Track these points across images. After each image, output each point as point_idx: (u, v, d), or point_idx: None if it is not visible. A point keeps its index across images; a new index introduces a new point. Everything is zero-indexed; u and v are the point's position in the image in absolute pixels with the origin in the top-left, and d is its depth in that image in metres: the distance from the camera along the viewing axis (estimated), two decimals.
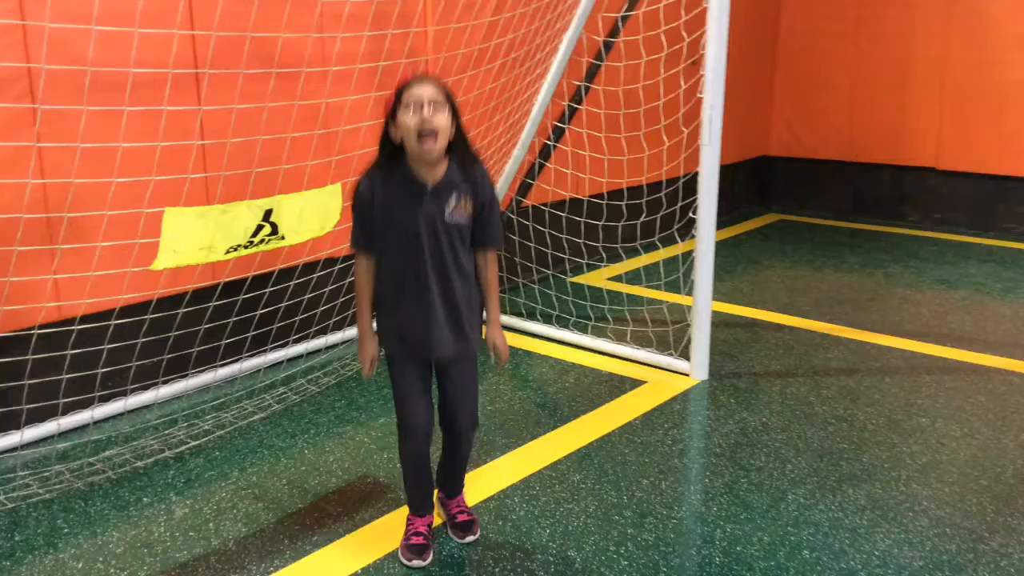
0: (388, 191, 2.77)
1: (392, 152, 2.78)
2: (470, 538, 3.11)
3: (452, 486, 3.19)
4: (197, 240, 3.35)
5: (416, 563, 2.98)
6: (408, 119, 2.67)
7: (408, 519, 3.11)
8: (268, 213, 3.52)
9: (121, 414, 4.11)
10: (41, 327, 3.72)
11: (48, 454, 3.76)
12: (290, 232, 3.65)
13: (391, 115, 2.74)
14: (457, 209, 2.78)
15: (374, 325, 2.97)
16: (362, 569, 2.96)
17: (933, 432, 3.95)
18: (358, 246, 2.88)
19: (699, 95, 4.24)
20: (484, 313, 2.98)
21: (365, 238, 2.85)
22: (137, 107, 3.63)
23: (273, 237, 3.58)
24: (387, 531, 3.18)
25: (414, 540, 3.04)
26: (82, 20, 3.64)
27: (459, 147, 2.79)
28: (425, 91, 2.67)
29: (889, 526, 3.20)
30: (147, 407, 4.20)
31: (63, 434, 3.92)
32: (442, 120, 2.68)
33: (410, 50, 4.69)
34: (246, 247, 3.54)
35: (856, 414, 4.15)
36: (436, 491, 3.19)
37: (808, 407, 4.24)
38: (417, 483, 3.07)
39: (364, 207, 2.81)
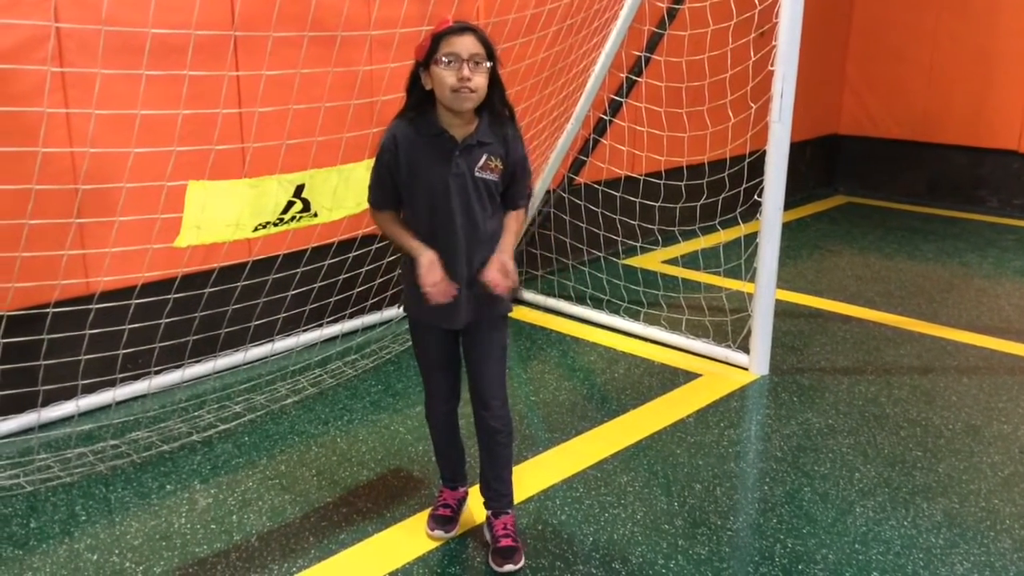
0: (415, 146, 2.58)
1: (421, 99, 2.58)
2: (508, 567, 2.78)
3: (496, 495, 2.90)
4: (223, 216, 3.16)
5: (438, 533, 2.97)
6: (444, 73, 2.46)
7: (439, 489, 3.07)
8: (299, 189, 3.31)
9: (145, 395, 3.97)
10: (58, 304, 3.57)
11: (71, 435, 3.64)
12: (323, 209, 3.43)
13: (424, 63, 2.52)
14: (487, 166, 2.59)
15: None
16: (389, 573, 2.77)
17: (1016, 440, 3.66)
18: (377, 205, 2.72)
19: (770, 68, 3.97)
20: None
21: (384, 197, 2.68)
22: (155, 71, 3.43)
23: (305, 214, 3.38)
24: (418, 531, 3.00)
25: (440, 511, 3.01)
26: None
27: (494, 102, 2.58)
28: (466, 44, 2.45)
29: (968, 546, 2.93)
30: (176, 387, 4.06)
31: (87, 414, 3.79)
32: (481, 80, 2.49)
33: (456, 14, 4.42)
34: (276, 224, 3.34)
35: (931, 418, 3.86)
36: (486, 512, 2.96)
37: (878, 408, 3.95)
38: (443, 449, 3.00)
39: (386, 164, 2.63)
